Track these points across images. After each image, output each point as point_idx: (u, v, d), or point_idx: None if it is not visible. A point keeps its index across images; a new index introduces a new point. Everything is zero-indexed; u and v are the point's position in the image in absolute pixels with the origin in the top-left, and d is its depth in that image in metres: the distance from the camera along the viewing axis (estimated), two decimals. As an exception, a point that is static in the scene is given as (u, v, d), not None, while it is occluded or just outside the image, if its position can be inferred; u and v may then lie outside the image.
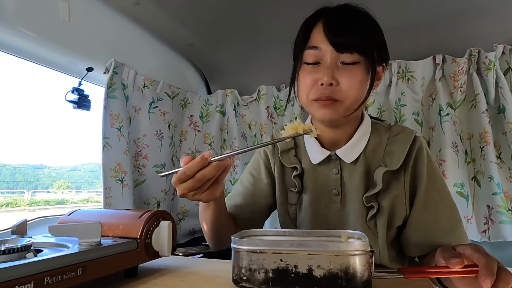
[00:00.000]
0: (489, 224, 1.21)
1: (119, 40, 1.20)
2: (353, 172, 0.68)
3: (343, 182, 0.69)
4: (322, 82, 0.60)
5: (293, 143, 0.75)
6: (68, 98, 1.09)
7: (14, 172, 30.69)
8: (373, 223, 0.65)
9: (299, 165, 0.72)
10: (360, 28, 0.61)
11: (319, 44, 0.61)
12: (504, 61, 1.22)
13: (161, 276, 0.55)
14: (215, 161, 0.51)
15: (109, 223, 0.54)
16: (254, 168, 0.81)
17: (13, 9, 0.86)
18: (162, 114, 1.40)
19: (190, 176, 0.51)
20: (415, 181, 0.66)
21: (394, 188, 0.65)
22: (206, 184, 0.53)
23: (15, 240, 0.43)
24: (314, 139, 0.71)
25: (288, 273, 0.43)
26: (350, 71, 0.60)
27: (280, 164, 0.76)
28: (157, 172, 1.35)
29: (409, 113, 1.34)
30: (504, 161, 1.23)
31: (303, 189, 0.72)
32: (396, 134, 0.69)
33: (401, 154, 0.65)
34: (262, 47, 1.44)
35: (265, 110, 1.61)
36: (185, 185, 0.52)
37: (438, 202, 0.65)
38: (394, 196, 0.65)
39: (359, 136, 0.68)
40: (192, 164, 0.51)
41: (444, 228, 0.63)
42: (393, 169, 0.64)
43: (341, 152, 0.68)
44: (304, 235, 0.54)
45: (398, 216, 0.65)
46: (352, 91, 0.60)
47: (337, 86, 0.60)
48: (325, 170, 0.71)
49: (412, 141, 0.66)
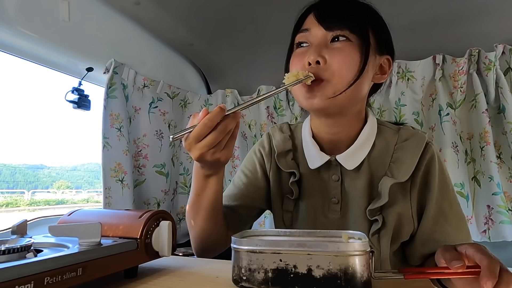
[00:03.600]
0: (489, 224, 1.21)
1: (119, 40, 1.20)
2: (355, 180, 0.62)
3: (344, 190, 0.63)
4: (308, 61, 0.55)
5: (291, 145, 0.69)
6: (68, 98, 1.09)
7: (14, 172, 30.70)
8: (376, 238, 0.59)
9: (297, 170, 0.66)
10: (350, 5, 0.58)
11: (309, 26, 0.59)
12: (504, 61, 1.22)
13: (161, 276, 0.55)
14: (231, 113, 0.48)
15: (109, 223, 0.54)
16: (247, 168, 0.73)
17: (13, 9, 0.86)
18: (162, 114, 1.40)
19: (211, 128, 0.47)
20: (424, 194, 0.60)
21: (400, 202, 0.60)
22: (226, 138, 0.49)
23: (15, 240, 0.43)
24: (313, 141, 0.65)
25: (287, 273, 0.43)
26: (339, 49, 0.56)
27: (276, 168, 0.70)
28: (157, 172, 1.35)
29: (409, 113, 1.34)
30: (504, 161, 1.23)
31: (300, 195, 0.67)
32: (405, 139, 0.62)
33: (410, 164, 0.59)
34: (262, 47, 1.44)
35: (265, 110, 1.61)
36: (205, 141, 0.47)
37: (448, 213, 0.60)
38: (400, 211, 0.59)
39: (363, 139, 0.62)
40: (213, 114, 0.46)
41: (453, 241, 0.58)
42: (400, 181, 0.58)
43: (342, 158, 0.61)
44: (304, 235, 0.54)
45: (404, 232, 0.60)
46: (341, 69, 0.55)
47: (325, 64, 0.55)
48: (324, 176, 0.65)
49: (423, 150, 0.59)
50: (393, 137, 0.63)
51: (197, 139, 0.48)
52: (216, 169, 0.57)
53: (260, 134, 1.64)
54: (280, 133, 0.72)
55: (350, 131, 0.63)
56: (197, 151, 0.49)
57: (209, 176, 0.58)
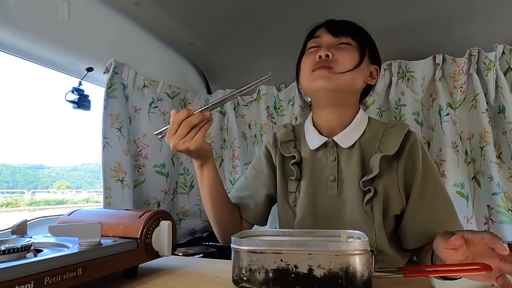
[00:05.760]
0: (489, 224, 1.21)
1: (119, 40, 1.20)
2: (350, 158, 0.72)
3: (340, 169, 0.73)
4: (320, 55, 0.71)
5: (292, 136, 0.82)
6: (68, 98, 1.09)
7: (14, 172, 30.67)
8: (370, 207, 0.68)
9: (297, 154, 0.78)
10: (352, 24, 0.77)
11: (320, 34, 0.76)
12: (504, 61, 1.22)
13: (161, 276, 0.55)
14: (197, 112, 0.64)
15: (109, 223, 0.54)
16: (257, 163, 0.87)
17: (13, 9, 0.86)
18: (162, 114, 1.40)
19: (179, 124, 0.63)
20: (410, 172, 0.69)
21: (387, 175, 0.69)
22: (193, 131, 0.63)
23: (15, 240, 0.43)
24: (313, 128, 0.78)
25: (288, 273, 0.43)
26: (343, 49, 0.73)
27: (281, 155, 0.81)
28: (157, 172, 1.35)
29: (409, 113, 1.34)
30: (504, 161, 1.23)
31: (301, 176, 0.77)
32: (391, 126, 0.74)
33: (396, 141, 0.69)
34: (262, 47, 1.44)
35: (265, 110, 1.61)
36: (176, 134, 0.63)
37: (434, 194, 0.68)
38: (387, 183, 0.69)
39: (356, 124, 0.74)
40: (180, 113, 0.63)
41: (441, 220, 0.65)
42: (389, 154, 0.68)
43: (338, 138, 0.74)
44: (304, 235, 0.54)
45: (392, 204, 0.69)
46: (344, 61, 0.70)
47: (332, 57, 0.70)
48: (322, 157, 0.76)
49: (406, 132, 0.71)
50: (381, 127, 0.75)
51: (171, 133, 0.63)
52: (202, 158, 0.71)
53: (260, 134, 1.63)
54: (283, 128, 0.85)
55: (344, 119, 0.75)
56: (171, 142, 0.64)
57: (202, 166, 0.73)
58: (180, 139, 0.63)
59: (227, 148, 1.68)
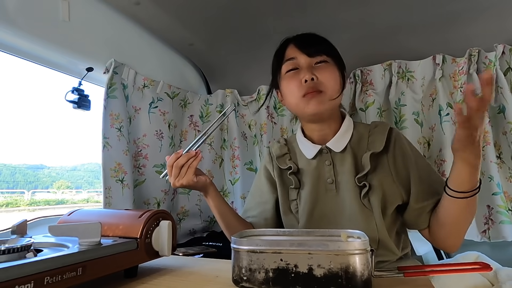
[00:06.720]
0: (489, 224, 1.21)
1: (119, 40, 1.20)
2: (344, 160, 0.79)
3: (336, 171, 0.79)
4: (305, 79, 0.75)
5: (286, 149, 0.89)
6: (68, 98, 1.09)
7: (14, 172, 30.67)
8: (367, 200, 0.74)
9: (293, 164, 0.84)
10: (321, 40, 0.81)
11: (294, 55, 0.79)
12: (504, 61, 1.22)
13: (161, 276, 0.55)
14: (184, 153, 0.76)
15: (109, 223, 0.54)
16: (259, 181, 0.94)
17: (13, 9, 0.86)
18: (162, 114, 1.40)
19: (171, 167, 0.75)
20: (401, 161, 0.76)
21: (380, 170, 0.76)
22: (184, 169, 0.75)
23: (15, 240, 0.43)
24: (306, 139, 0.84)
25: (288, 272, 0.43)
26: (323, 68, 0.77)
27: (278, 168, 0.88)
28: (157, 172, 1.35)
29: (409, 113, 1.34)
30: (504, 161, 1.23)
31: (300, 185, 0.83)
32: (375, 127, 0.81)
33: (382, 138, 0.77)
34: (262, 47, 1.44)
35: (265, 110, 1.61)
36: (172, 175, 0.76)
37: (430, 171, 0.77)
38: (381, 176, 0.75)
39: (345, 129, 0.81)
40: (171, 158, 0.77)
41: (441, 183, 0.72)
42: (377, 151, 0.75)
43: (331, 144, 0.80)
44: (303, 234, 0.54)
45: (391, 195, 0.75)
46: (330, 82, 0.76)
47: (317, 80, 0.75)
48: (319, 164, 0.82)
49: (389, 129, 0.79)
50: (366, 128, 0.82)
51: (169, 174, 0.77)
52: (201, 190, 0.83)
53: (260, 134, 1.63)
54: (277, 143, 0.92)
55: (334, 127, 0.82)
56: (170, 182, 0.77)
57: (205, 195, 0.84)
58: (175, 178, 0.75)
59: (227, 148, 1.68)
